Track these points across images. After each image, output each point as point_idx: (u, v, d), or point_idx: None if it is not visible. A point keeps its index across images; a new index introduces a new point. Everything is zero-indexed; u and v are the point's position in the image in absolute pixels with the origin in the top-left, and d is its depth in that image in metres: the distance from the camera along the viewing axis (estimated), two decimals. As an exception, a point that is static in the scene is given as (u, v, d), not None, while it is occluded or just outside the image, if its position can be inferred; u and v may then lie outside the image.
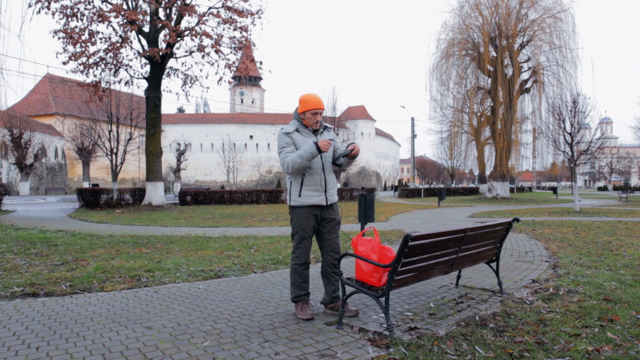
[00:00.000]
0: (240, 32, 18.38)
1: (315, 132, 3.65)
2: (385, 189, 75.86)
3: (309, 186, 3.55)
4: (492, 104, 30.06)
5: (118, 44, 17.20)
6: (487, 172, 33.62)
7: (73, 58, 16.88)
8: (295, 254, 3.60)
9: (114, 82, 18.98)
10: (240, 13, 18.16)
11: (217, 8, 18.10)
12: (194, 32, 17.76)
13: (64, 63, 17.10)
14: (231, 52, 18.73)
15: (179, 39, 17.58)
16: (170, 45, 17.69)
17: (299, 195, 3.55)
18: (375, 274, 3.26)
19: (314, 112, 3.55)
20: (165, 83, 62.26)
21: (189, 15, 17.40)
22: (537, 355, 2.71)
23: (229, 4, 18.22)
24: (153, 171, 18.20)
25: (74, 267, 5.54)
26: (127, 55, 27.49)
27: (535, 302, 3.93)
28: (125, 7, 17.25)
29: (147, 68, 18.50)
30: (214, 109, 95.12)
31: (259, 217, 13.86)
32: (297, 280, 3.58)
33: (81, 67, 17.38)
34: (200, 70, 50.26)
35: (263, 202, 23.29)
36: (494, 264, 4.39)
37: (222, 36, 18.05)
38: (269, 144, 74.04)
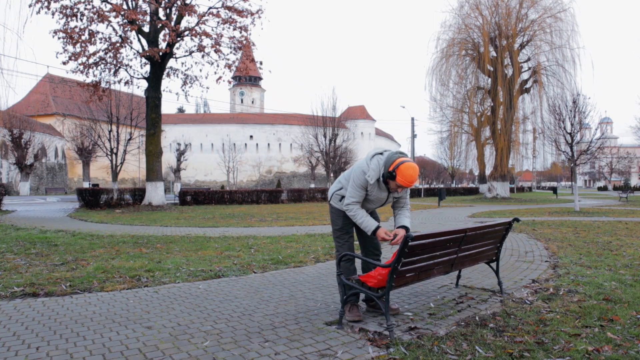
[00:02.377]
0: (240, 32, 18.40)
1: (389, 189, 3.53)
2: (385, 189, 75.76)
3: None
4: (492, 104, 30.05)
5: (118, 44, 17.20)
6: (487, 172, 33.60)
7: (73, 58, 16.89)
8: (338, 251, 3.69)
9: (114, 82, 19.03)
10: (240, 13, 18.16)
11: (217, 8, 18.12)
12: (193, 32, 17.78)
13: (64, 63, 17.11)
14: (231, 52, 18.75)
15: (178, 38, 17.59)
16: (170, 45, 17.70)
17: None
18: (376, 274, 3.26)
19: (401, 186, 3.38)
20: (165, 83, 62.27)
21: (188, 15, 17.40)
22: (537, 355, 2.71)
23: (229, 3, 18.23)
24: (153, 171, 18.20)
25: (74, 267, 5.54)
26: (127, 55, 27.46)
27: (535, 302, 3.93)
28: (125, 7, 17.25)
29: (147, 68, 18.51)
30: (214, 109, 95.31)
31: (259, 217, 13.87)
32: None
33: (81, 67, 17.39)
34: (200, 70, 50.47)
35: (263, 202, 23.30)
36: (494, 264, 4.39)
37: (222, 36, 18.08)
38: (269, 144, 74.05)
